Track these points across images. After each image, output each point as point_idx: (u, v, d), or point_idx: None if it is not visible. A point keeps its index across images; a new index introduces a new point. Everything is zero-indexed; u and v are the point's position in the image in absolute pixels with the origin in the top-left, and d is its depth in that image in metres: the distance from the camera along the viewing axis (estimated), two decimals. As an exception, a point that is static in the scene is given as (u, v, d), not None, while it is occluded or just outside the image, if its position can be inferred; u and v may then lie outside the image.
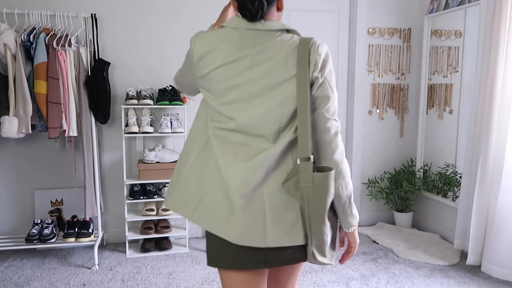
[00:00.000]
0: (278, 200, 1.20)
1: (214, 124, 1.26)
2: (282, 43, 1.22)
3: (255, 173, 1.19)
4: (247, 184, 1.19)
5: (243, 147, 1.22)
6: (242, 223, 1.18)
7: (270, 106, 1.20)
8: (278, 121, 1.20)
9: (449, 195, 3.52)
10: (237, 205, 1.18)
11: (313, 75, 1.19)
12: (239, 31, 1.23)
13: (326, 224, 1.20)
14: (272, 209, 1.19)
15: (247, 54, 1.20)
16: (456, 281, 2.78)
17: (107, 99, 3.03)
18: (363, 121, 3.82)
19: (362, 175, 3.88)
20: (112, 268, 2.94)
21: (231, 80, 1.21)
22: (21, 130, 2.79)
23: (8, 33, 2.73)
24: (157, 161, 3.16)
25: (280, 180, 1.21)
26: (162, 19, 3.33)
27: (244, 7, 1.22)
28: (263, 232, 1.18)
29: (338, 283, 2.74)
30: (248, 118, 1.21)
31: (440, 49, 3.58)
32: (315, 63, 1.19)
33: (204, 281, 2.76)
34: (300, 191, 1.18)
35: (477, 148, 2.92)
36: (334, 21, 3.75)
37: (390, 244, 3.35)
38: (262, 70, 1.20)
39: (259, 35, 1.22)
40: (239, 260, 1.23)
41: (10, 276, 2.80)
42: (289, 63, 1.20)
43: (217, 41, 1.23)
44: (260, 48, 1.21)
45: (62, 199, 3.28)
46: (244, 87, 1.21)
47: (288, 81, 1.19)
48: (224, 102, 1.23)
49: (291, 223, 1.20)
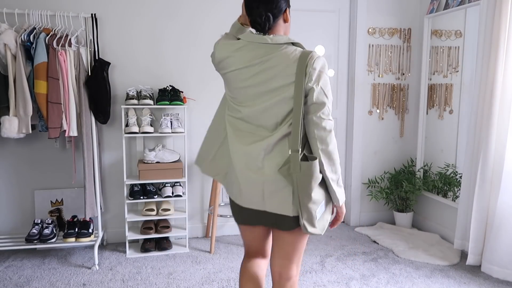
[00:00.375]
0: (273, 179, 1.51)
1: (229, 113, 1.62)
2: (286, 55, 1.48)
3: (252, 156, 1.52)
4: (247, 166, 1.54)
5: (248, 134, 1.55)
6: (247, 194, 1.57)
7: (269, 105, 1.51)
8: (275, 117, 1.51)
9: (449, 195, 3.52)
10: (242, 181, 1.56)
11: (307, 85, 1.46)
12: (252, 44, 1.52)
13: (313, 202, 1.50)
14: (268, 185, 1.52)
15: (256, 63, 1.50)
16: (456, 281, 2.78)
17: (107, 99, 3.03)
18: (363, 121, 3.82)
19: (362, 175, 3.88)
20: (112, 268, 2.94)
21: (241, 82, 1.53)
22: (21, 130, 2.79)
23: (8, 33, 2.73)
24: (157, 161, 3.16)
25: (275, 163, 1.51)
26: (162, 19, 3.34)
27: (255, 21, 1.53)
28: (262, 201, 1.56)
29: (338, 283, 2.74)
30: (252, 112, 1.54)
31: (440, 49, 3.58)
32: (309, 75, 1.45)
33: (204, 281, 2.76)
34: (291, 176, 1.49)
35: (477, 148, 2.92)
36: (334, 21, 3.75)
37: (390, 244, 3.35)
38: (266, 76, 1.50)
39: (267, 47, 1.50)
40: (247, 219, 1.68)
41: (10, 276, 2.80)
42: (289, 72, 1.47)
43: (234, 50, 1.54)
44: (267, 58, 1.49)
45: (62, 199, 3.28)
46: (251, 88, 1.52)
47: (286, 87, 1.48)
48: (235, 98, 1.58)
49: (283, 198, 1.52)
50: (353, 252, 3.26)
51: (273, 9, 1.51)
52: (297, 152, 1.47)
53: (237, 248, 3.33)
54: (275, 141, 1.50)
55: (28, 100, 2.77)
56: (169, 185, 3.26)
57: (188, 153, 3.46)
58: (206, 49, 3.43)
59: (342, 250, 3.30)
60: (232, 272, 2.90)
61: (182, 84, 3.41)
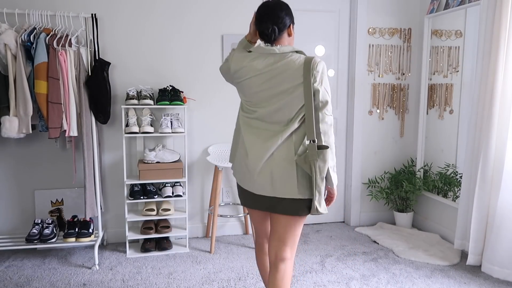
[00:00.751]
0: (281, 168, 1.79)
1: (244, 114, 1.91)
2: (292, 62, 1.78)
3: (267, 148, 1.80)
4: (261, 158, 1.80)
5: (264, 131, 1.83)
6: (258, 182, 1.83)
7: (281, 104, 1.79)
8: (288, 114, 1.80)
9: (449, 195, 3.52)
10: (254, 172, 1.83)
11: (314, 86, 1.75)
12: (263, 55, 1.83)
13: (324, 184, 1.78)
14: (276, 174, 1.79)
15: (267, 70, 1.80)
16: (457, 281, 2.78)
17: (107, 99, 3.03)
18: (363, 121, 3.82)
19: (362, 175, 3.88)
20: (112, 268, 2.94)
21: (256, 87, 1.83)
22: (21, 130, 2.79)
23: (8, 33, 2.73)
24: (157, 161, 3.16)
25: (283, 154, 1.79)
26: (162, 19, 3.34)
27: (263, 33, 1.85)
28: (271, 187, 1.81)
29: (338, 283, 2.74)
30: (267, 112, 1.82)
31: (441, 49, 3.58)
32: (314, 77, 1.75)
33: (204, 281, 2.77)
34: (308, 163, 1.76)
35: (477, 148, 2.92)
36: (334, 21, 3.75)
37: (391, 244, 3.35)
38: (277, 80, 1.79)
39: (276, 56, 1.80)
40: (255, 204, 1.93)
41: (11, 276, 2.81)
42: (296, 75, 1.76)
43: (248, 61, 1.85)
44: (276, 66, 1.79)
45: (63, 199, 3.29)
46: (265, 92, 1.82)
47: (295, 88, 1.77)
48: (251, 101, 1.87)
49: (289, 184, 1.78)
50: (353, 252, 3.26)
51: (278, 23, 1.82)
52: (314, 142, 1.75)
53: (237, 248, 3.33)
54: (287, 135, 1.79)
55: (28, 100, 2.78)
56: (169, 185, 3.26)
57: (188, 153, 3.46)
58: (206, 49, 3.43)
59: (342, 250, 3.30)
60: (232, 272, 2.90)
61: (182, 84, 3.41)
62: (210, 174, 3.55)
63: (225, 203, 3.61)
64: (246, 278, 2.81)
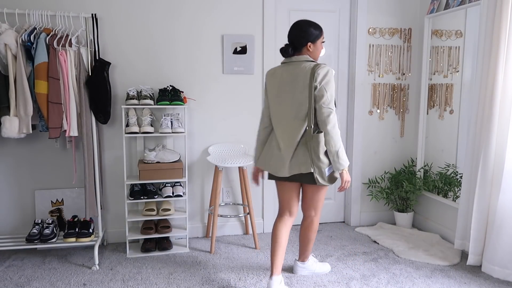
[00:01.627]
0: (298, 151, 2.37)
1: (272, 113, 2.47)
2: (304, 68, 2.33)
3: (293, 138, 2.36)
4: (290, 144, 2.37)
5: (288, 126, 2.37)
6: (288, 166, 2.39)
7: (299, 103, 2.33)
8: (304, 110, 2.32)
9: (449, 195, 3.52)
10: (287, 160, 2.38)
11: (314, 84, 2.28)
12: (285, 65, 2.42)
13: (321, 162, 2.33)
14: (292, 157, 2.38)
15: (287, 75, 2.38)
16: (457, 281, 2.77)
17: (107, 99, 3.03)
18: (363, 121, 3.82)
19: (362, 175, 3.88)
20: (112, 268, 2.95)
21: (280, 90, 2.41)
22: (21, 130, 2.80)
23: (8, 33, 2.73)
24: (157, 161, 3.16)
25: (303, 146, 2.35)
26: (162, 19, 3.34)
27: (281, 49, 2.42)
28: (298, 168, 2.38)
29: (338, 283, 2.74)
30: (289, 109, 2.37)
31: (441, 49, 3.58)
32: (315, 78, 2.27)
33: (204, 281, 2.77)
34: (307, 143, 2.33)
35: (477, 148, 2.92)
36: (335, 21, 3.75)
37: (391, 244, 3.35)
38: (294, 83, 2.35)
39: (292, 65, 2.38)
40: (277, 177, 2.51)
41: (11, 276, 2.81)
42: (306, 78, 2.30)
43: (276, 73, 2.45)
44: (293, 72, 2.36)
45: (63, 199, 3.29)
46: (287, 93, 2.38)
47: (306, 88, 2.30)
48: (275, 101, 2.44)
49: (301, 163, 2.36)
50: (353, 252, 3.26)
51: (294, 43, 2.38)
52: (311, 128, 2.31)
53: (237, 248, 3.33)
54: (304, 127, 2.33)
55: (28, 100, 2.78)
56: (169, 185, 3.26)
57: (189, 153, 3.46)
58: (207, 49, 3.43)
59: (342, 250, 3.30)
60: (232, 272, 2.90)
61: (183, 84, 3.41)
62: (210, 174, 3.55)
63: (225, 203, 3.61)
64: (246, 278, 2.81)
